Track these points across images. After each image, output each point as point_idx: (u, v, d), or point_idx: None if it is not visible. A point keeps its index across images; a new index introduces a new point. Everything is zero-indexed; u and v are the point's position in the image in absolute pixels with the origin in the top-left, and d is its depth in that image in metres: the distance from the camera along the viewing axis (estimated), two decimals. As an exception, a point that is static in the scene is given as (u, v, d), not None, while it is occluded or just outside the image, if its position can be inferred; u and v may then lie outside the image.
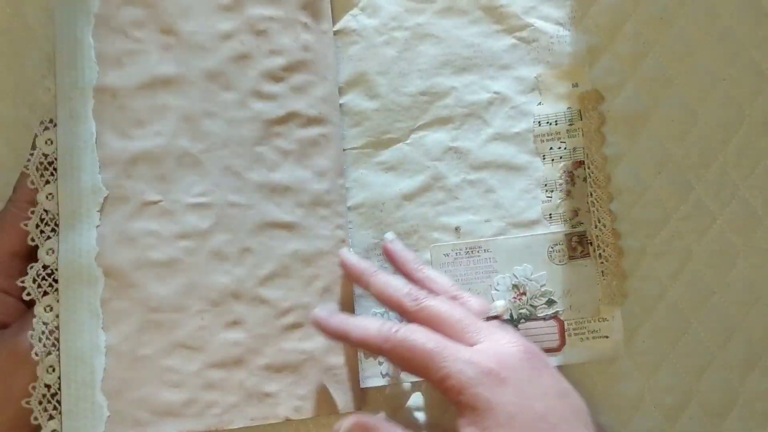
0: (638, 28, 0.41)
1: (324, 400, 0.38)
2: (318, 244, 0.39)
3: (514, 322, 0.40)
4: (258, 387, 0.38)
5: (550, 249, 0.40)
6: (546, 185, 0.41)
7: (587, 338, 0.40)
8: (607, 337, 0.40)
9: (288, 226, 0.39)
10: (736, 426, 0.40)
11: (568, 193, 0.41)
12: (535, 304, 0.40)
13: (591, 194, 0.40)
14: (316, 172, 0.40)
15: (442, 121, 0.41)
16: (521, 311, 0.40)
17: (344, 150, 0.41)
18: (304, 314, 0.39)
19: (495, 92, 0.41)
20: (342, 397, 0.38)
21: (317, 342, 0.39)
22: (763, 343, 0.40)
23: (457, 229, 0.41)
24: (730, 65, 0.41)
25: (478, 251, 0.41)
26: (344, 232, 0.40)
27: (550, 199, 0.41)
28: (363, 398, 0.39)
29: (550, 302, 0.40)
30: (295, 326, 0.39)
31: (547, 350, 0.40)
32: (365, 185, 0.41)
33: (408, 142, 0.41)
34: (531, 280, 0.40)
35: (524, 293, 0.40)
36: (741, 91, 0.41)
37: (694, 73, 0.41)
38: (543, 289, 0.40)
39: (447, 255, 0.41)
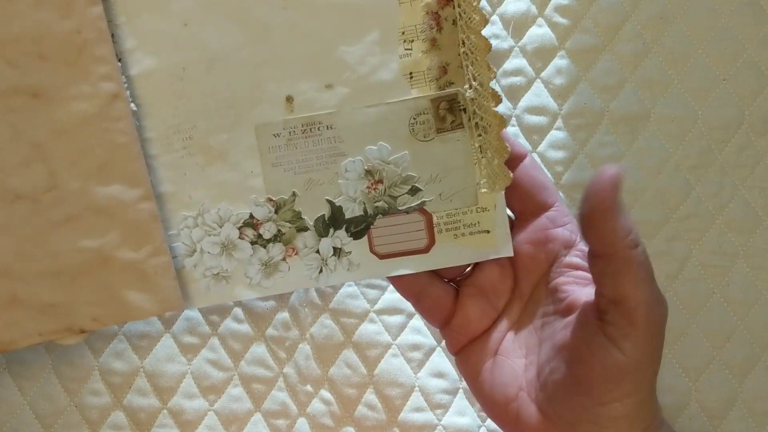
0: (638, 28, 0.41)
1: (128, 303, 0.31)
2: (78, 107, 0.31)
3: (368, 218, 0.32)
4: (36, 297, 0.31)
5: (413, 121, 0.31)
6: (404, 33, 0.31)
7: (463, 234, 0.32)
8: (488, 231, 0.32)
9: (32, 91, 0.30)
10: (736, 426, 0.40)
11: (434, 43, 0.31)
12: (395, 194, 0.32)
13: (464, 42, 0.30)
14: (56, 4, 0.30)
15: None
16: (377, 204, 0.32)
17: None
18: (77, 203, 0.31)
19: None
20: (151, 298, 0.32)
21: (105, 237, 0.31)
22: (763, 343, 0.40)
23: (288, 99, 0.31)
24: (730, 65, 0.41)
25: (318, 128, 0.31)
26: (116, 84, 0.31)
27: (409, 52, 0.31)
28: (183, 295, 0.32)
29: (414, 190, 0.32)
30: (68, 219, 0.31)
31: (413, 252, 0.32)
32: (156, 38, 0.31)
33: None
34: (389, 164, 0.32)
35: (381, 181, 0.32)
36: (741, 91, 0.41)
37: (694, 73, 0.41)
38: (405, 175, 0.32)
39: (277, 135, 0.31)
